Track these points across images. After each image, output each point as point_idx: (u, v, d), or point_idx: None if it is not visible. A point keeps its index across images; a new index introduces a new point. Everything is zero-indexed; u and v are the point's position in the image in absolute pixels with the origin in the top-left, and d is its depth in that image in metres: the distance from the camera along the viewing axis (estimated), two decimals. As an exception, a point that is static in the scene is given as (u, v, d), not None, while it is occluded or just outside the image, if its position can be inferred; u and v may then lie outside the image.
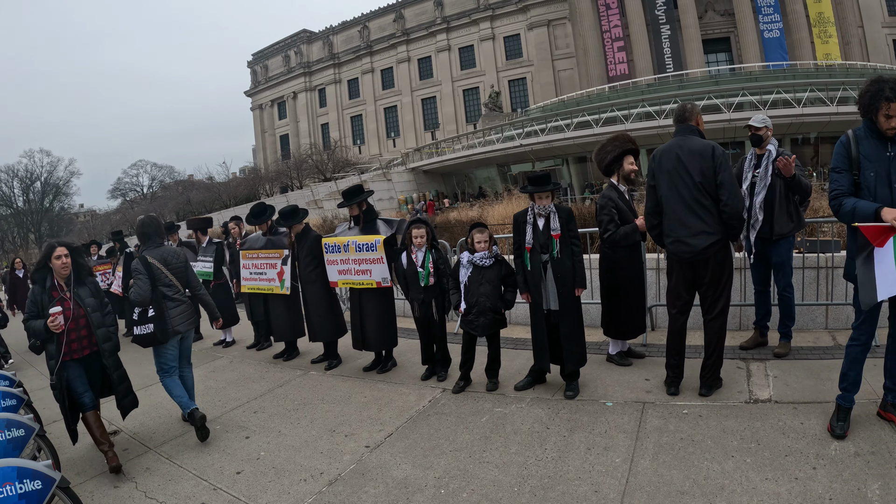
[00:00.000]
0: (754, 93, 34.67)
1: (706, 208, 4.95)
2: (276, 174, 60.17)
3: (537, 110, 48.60)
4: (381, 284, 6.68)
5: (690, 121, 5.26)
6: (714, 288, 5.09)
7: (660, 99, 36.64)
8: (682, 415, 4.88)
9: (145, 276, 5.47)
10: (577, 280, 5.55)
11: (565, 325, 5.56)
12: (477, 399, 5.79)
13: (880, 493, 3.51)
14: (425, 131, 62.98)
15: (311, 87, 72.43)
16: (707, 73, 45.37)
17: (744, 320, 7.13)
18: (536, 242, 5.55)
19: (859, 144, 4.07)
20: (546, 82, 54.96)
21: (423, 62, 63.53)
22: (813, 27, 46.00)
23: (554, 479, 4.12)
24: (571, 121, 38.68)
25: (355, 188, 7.05)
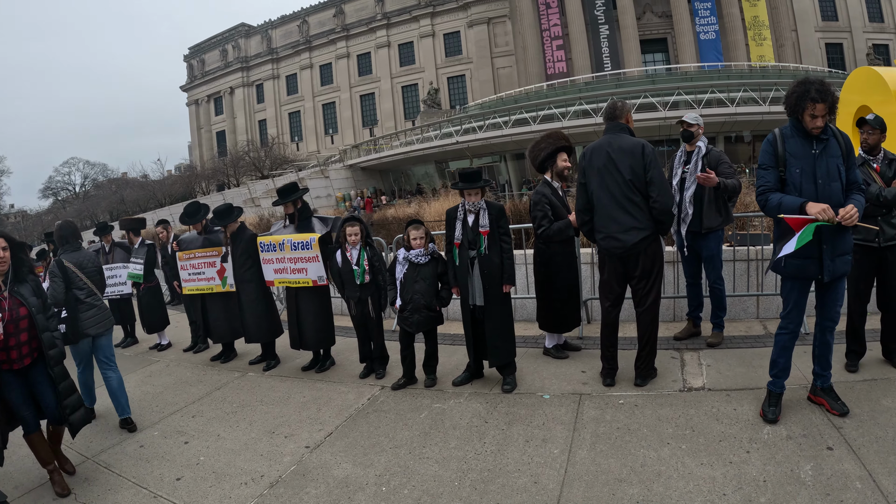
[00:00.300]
0: (689, 92, 35.69)
1: (636, 204, 5.05)
2: (212, 172, 59.01)
3: (476, 107, 48.85)
4: (317, 283, 6.60)
5: (620, 119, 5.36)
6: (645, 281, 5.20)
7: (597, 97, 37.29)
8: (619, 405, 4.97)
9: (60, 278, 5.59)
10: (506, 276, 5.60)
11: (490, 320, 5.59)
12: (415, 395, 5.78)
13: (813, 473, 3.64)
14: (364, 128, 62.51)
15: (249, 82, 71.08)
16: (644, 72, 46.42)
17: (677, 312, 7.31)
18: (465, 238, 5.58)
19: (786, 142, 4.22)
20: (485, 80, 55.27)
21: (363, 58, 63.05)
22: (748, 30, 47.69)
23: (494, 472, 4.15)
24: (510, 118, 39.06)
25: (290, 186, 6.94)
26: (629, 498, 3.64)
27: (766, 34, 47.90)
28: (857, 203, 4.02)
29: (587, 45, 48.98)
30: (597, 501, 3.64)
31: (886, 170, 5.05)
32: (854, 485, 3.50)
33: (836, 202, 4.02)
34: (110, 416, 6.04)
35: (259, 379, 6.88)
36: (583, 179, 5.33)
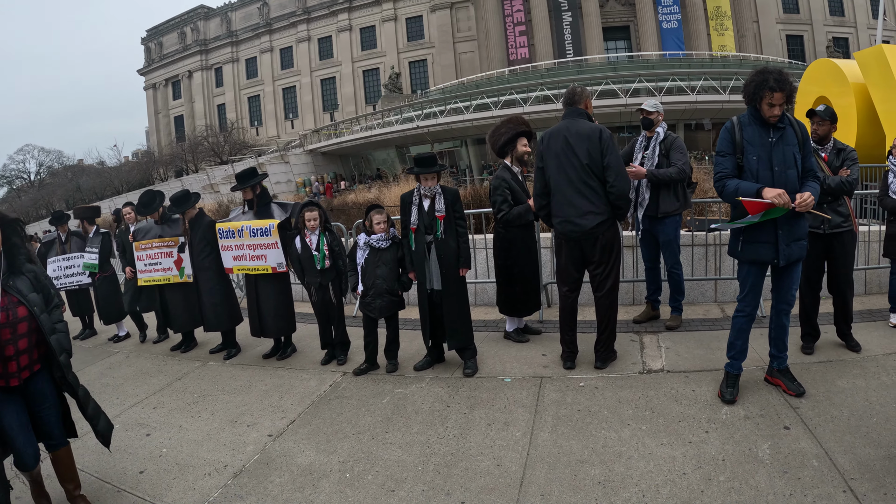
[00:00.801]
0: (651, 79, 36.12)
1: (593, 189, 5.09)
2: (170, 158, 57.96)
3: (437, 92, 48.72)
4: (276, 270, 6.50)
5: (579, 104, 5.38)
6: (603, 266, 5.26)
7: (559, 83, 37.42)
8: (579, 387, 5.03)
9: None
10: (462, 260, 5.62)
11: (448, 304, 5.61)
12: (377, 381, 5.77)
13: (770, 452, 3.75)
14: (324, 112, 61.83)
15: (208, 65, 69.68)
16: (606, 59, 46.82)
17: (636, 295, 7.42)
18: (421, 223, 5.58)
19: (743, 130, 4.30)
20: (447, 64, 55.01)
21: (324, 42, 62.25)
22: (710, 20, 48.33)
23: (457, 455, 4.17)
24: (471, 103, 39.02)
25: (248, 171, 6.84)
26: (591, 478, 3.69)
27: (727, 24, 48.62)
28: (812, 190, 4.14)
29: (550, 32, 49.13)
30: (559, 483, 3.69)
31: (834, 159, 5.22)
32: (811, 463, 3.60)
33: (792, 189, 4.12)
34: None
35: (220, 368, 6.80)
36: (541, 164, 5.36)
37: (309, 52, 62.78)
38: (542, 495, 3.59)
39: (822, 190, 4.79)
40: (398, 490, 3.84)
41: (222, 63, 68.51)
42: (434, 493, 3.76)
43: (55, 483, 4.11)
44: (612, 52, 49.33)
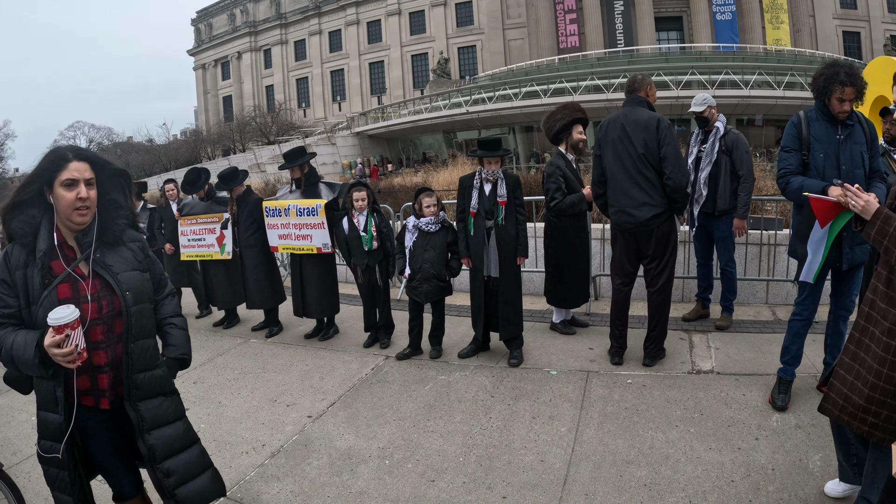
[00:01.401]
0: (703, 72, 35.33)
1: (649, 180, 4.93)
2: (218, 137, 58.83)
3: (486, 78, 48.52)
4: (321, 250, 6.47)
5: (640, 91, 5.20)
6: (658, 260, 5.10)
7: (609, 73, 36.95)
8: (627, 384, 4.90)
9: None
10: (520, 248, 5.49)
11: (504, 292, 5.51)
12: (420, 367, 5.71)
13: (821, 465, 3.57)
14: (372, 96, 62.06)
15: (257, 47, 70.43)
16: (658, 50, 46.03)
17: (686, 292, 7.22)
18: (482, 208, 5.44)
19: (810, 125, 4.10)
20: (496, 51, 54.60)
21: (373, 25, 62.35)
22: (765, 13, 47.07)
23: (499, 448, 4.08)
24: (520, 90, 38.77)
25: (297, 150, 6.79)
26: (637, 480, 3.57)
27: (783, 18, 47.30)
28: (879, 192, 3.90)
29: (601, 21, 48.45)
30: (604, 483, 3.57)
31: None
32: (862, 478, 3.43)
33: None
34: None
35: (261, 346, 6.81)
36: (598, 152, 5.21)
37: (358, 36, 62.94)
38: (585, 494, 3.48)
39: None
40: (438, 480, 3.77)
41: (271, 45, 69.16)
42: (475, 485, 3.68)
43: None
44: (664, 42, 48.47)
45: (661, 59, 42.33)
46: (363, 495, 3.68)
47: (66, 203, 2.41)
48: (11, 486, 3.32)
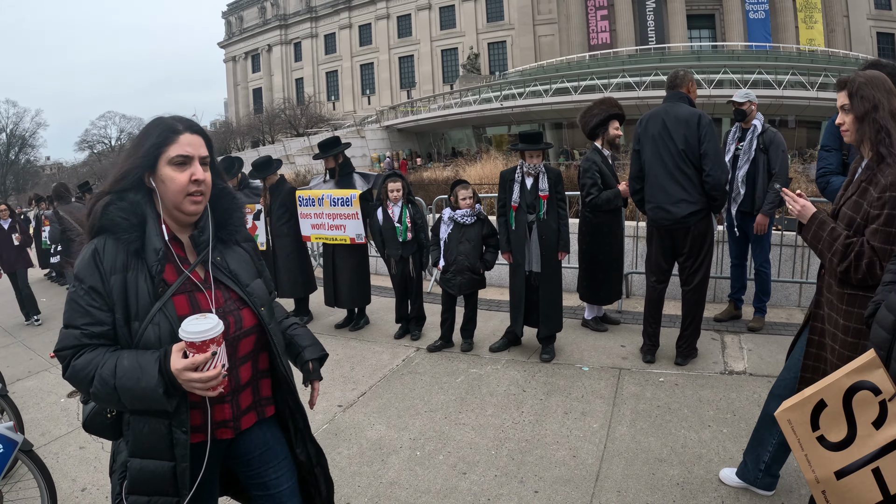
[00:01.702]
0: (736, 71, 34.86)
1: (688, 177, 4.87)
2: (247, 128, 59.34)
3: (516, 74, 48.34)
4: (354, 241, 6.49)
5: (681, 87, 5.14)
6: (694, 259, 5.04)
7: (640, 70, 36.64)
8: (659, 383, 4.87)
9: (57, 223, 8.24)
10: (562, 244, 5.44)
11: (545, 288, 5.46)
12: (451, 359, 5.71)
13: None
14: (401, 90, 62.19)
15: (287, 40, 70.83)
16: (689, 48, 45.49)
17: (718, 292, 7.14)
18: (523, 202, 5.40)
19: None
20: (526, 47, 54.36)
21: (403, 20, 62.42)
22: (799, 12, 46.24)
23: (531, 442, 4.07)
24: (550, 86, 38.62)
25: (332, 140, 6.79)
26: (669, 479, 3.55)
27: (817, 17, 46.44)
28: None
29: (632, 17, 48.01)
30: (636, 480, 3.55)
31: None
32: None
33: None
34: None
35: (292, 334, 6.85)
36: (637, 147, 5.15)
37: (387, 30, 63.06)
38: (618, 491, 3.46)
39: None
40: (470, 473, 3.77)
41: (301, 38, 69.51)
42: (507, 479, 3.68)
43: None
44: (696, 41, 47.91)
45: (692, 57, 41.83)
46: (394, 486, 3.69)
47: (176, 187, 1.87)
48: (41, 467, 3.39)
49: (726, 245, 6.58)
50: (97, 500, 3.86)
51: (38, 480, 3.39)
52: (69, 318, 1.84)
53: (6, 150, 72.90)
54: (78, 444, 4.63)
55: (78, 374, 1.81)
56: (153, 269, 1.84)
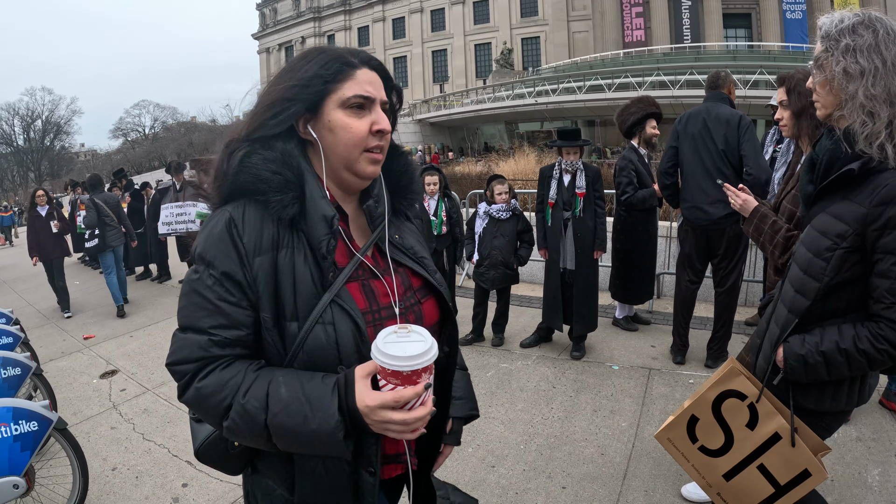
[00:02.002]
0: (772, 72, 34.13)
1: (726, 177, 4.81)
2: (280, 119, 59.88)
3: (549, 70, 48.15)
4: None
5: (722, 88, 5.11)
6: (728, 260, 5.01)
7: (675, 69, 36.20)
8: (688, 384, 4.85)
9: (94, 210, 8.50)
10: (598, 242, 5.43)
11: (579, 286, 5.45)
12: (482, 353, 5.75)
13: (880, 479, 3.48)
14: (434, 83, 62.26)
15: (321, 32, 71.22)
16: (725, 47, 44.79)
17: (750, 296, 7.07)
18: (560, 198, 5.41)
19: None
20: (560, 43, 54.05)
21: (436, 14, 62.46)
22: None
23: (560, 438, 4.10)
24: (584, 83, 38.40)
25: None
26: (697, 480, 3.56)
27: (854, 19, 45.38)
28: None
29: (668, 15, 47.46)
30: (664, 480, 3.56)
31: None
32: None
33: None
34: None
35: (323, 324, 6.95)
36: (674, 143, 5.11)
37: (421, 23, 63.12)
38: (645, 491, 3.47)
39: None
40: (498, 467, 3.81)
41: (335, 31, 69.82)
42: (535, 473, 3.71)
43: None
44: (732, 40, 47.16)
45: (728, 56, 41.25)
46: (423, 476, 3.76)
47: (352, 138, 1.37)
48: (74, 446, 3.50)
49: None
50: (127, 479, 3.99)
51: (71, 458, 3.49)
52: (190, 318, 1.30)
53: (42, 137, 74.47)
54: (109, 425, 4.78)
55: (206, 401, 1.27)
56: (322, 246, 1.31)
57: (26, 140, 74.05)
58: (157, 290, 10.22)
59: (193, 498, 3.72)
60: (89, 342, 7.09)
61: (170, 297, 9.37)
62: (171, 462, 4.17)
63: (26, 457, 3.18)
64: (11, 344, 4.67)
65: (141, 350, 6.62)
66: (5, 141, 73.10)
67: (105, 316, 8.43)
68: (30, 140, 74.09)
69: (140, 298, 9.40)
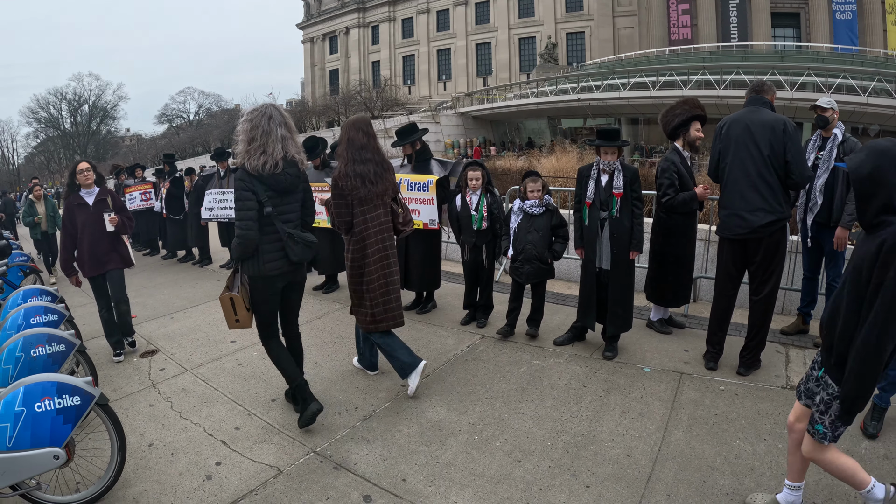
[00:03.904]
0: (820, 74, 33.33)
1: (769, 185, 4.77)
2: (323, 108, 60.44)
3: (594, 66, 47.65)
4: (427, 226, 6.59)
5: (766, 94, 5.07)
6: (764, 268, 4.95)
7: (721, 68, 35.48)
8: (719, 391, 4.84)
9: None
10: (634, 243, 5.41)
11: (614, 286, 5.46)
12: (515, 349, 5.80)
13: (907, 498, 3.46)
14: (477, 77, 62.04)
15: (365, 23, 71.50)
16: (773, 47, 43.74)
17: (787, 304, 6.99)
18: (597, 198, 5.41)
19: None
20: (605, 39, 53.44)
21: (481, 6, 62.18)
22: (888, 14, 43.68)
23: (587, 437, 4.15)
24: (628, 80, 37.87)
25: (410, 126, 6.92)
26: (720, 488, 3.56)
27: (907, 20, 43.86)
28: None
29: (714, 13, 46.50)
30: (687, 486, 3.58)
31: None
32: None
33: None
34: (211, 332, 6.55)
35: (359, 313, 7.07)
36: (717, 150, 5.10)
37: (465, 16, 62.94)
38: (668, 495, 3.50)
39: None
40: (525, 461, 3.88)
41: (379, 21, 70.05)
42: (560, 471, 3.77)
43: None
44: (780, 39, 45.93)
45: (776, 57, 40.23)
46: (450, 467, 3.84)
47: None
48: (114, 421, 3.65)
49: (799, 256, 6.44)
50: (162, 455, 4.16)
51: (111, 433, 3.64)
52: None
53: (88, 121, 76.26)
54: (148, 402, 4.96)
55: None
56: None
57: (73, 124, 75.92)
58: (198, 273, 10.48)
59: (226, 476, 3.87)
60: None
61: (210, 281, 9.57)
62: (206, 441, 4.32)
63: (68, 429, 3.32)
64: (56, 321, 4.82)
65: (181, 332, 6.81)
66: (53, 125, 75.05)
67: (147, 297, 8.66)
68: (76, 124, 75.98)
69: (181, 281, 9.65)
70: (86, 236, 5.95)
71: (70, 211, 5.99)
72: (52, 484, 3.67)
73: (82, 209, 5.99)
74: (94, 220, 5.98)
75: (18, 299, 5.19)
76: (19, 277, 7.46)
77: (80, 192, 6.04)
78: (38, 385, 3.29)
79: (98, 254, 5.98)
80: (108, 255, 6.04)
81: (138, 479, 3.87)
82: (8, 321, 4.69)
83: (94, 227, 5.97)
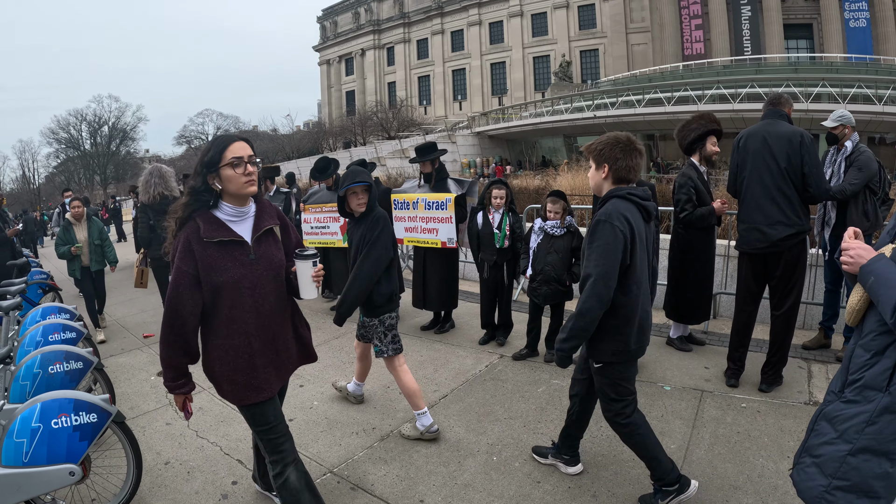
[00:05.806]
0: (834, 84, 33.10)
1: (787, 197, 4.75)
2: (340, 129, 60.91)
3: (608, 83, 47.73)
4: (446, 245, 6.59)
5: (784, 107, 5.05)
6: (785, 283, 4.90)
7: (736, 82, 35.41)
8: (741, 408, 4.77)
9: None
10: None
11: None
12: (534, 369, 5.77)
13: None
14: (492, 96, 62.46)
15: (380, 45, 72.32)
16: (786, 59, 43.61)
17: (808, 319, 6.91)
18: None
19: None
20: (618, 55, 53.60)
21: (495, 26, 62.69)
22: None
23: (607, 458, 4.10)
24: (643, 97, 37.85)
25: (429, 145, 6.94)
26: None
27: (922, 28, 43.46)
28: None
29: (727, 27, 46.53)
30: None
31: None
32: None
33: None
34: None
35: (377, 333, 7.08)
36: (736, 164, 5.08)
37: (479, 36, 63.46)
38: (691, 515, 3.44)
39: None
40: (544, 482, 3.84)
41: (394, 43, 70.84)
42: (580, 492, 3.73)
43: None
44: (793, 51, 45.78)
45: (789, 68, 40.06)
46: (468, 488, 3.80)
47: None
48: (131, 439, 3.67)
49: (820, 269, 6.37)
50: (178, 473, 4.16)
51: (127, 450, 3.66)
52: None
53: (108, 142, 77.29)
54: (165, 421, 4.97)
55: None
56: None
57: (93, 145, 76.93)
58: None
59: (242, 496, 3.86)
60: (148, 340, 7.34)
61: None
62: (223, 460, 4.32)
63: (84, 446, 3.34)
64: (74, 339, 4.87)
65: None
66: (73, 145, 76.09)
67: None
68: (96, 145, 76.92)
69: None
70: (245, 311, 2.85)
71: (188, 255, 2.74)
72: (68, 500, 3.70)
73: (228, 251, 2.79)
74: (265, 273, 2.91)
75: (37, 316, 5.27)
76: (38, 295, 7.54)
77: (221, 210, 2.84)
78: (55, 402, 3.32)
79: (279, 348, 3.05)
80: (289, 349, 3.18)
81: (154, 497, 3.88)
82: (27, 338, 4.74)
83: (265, 289, 2.92)
